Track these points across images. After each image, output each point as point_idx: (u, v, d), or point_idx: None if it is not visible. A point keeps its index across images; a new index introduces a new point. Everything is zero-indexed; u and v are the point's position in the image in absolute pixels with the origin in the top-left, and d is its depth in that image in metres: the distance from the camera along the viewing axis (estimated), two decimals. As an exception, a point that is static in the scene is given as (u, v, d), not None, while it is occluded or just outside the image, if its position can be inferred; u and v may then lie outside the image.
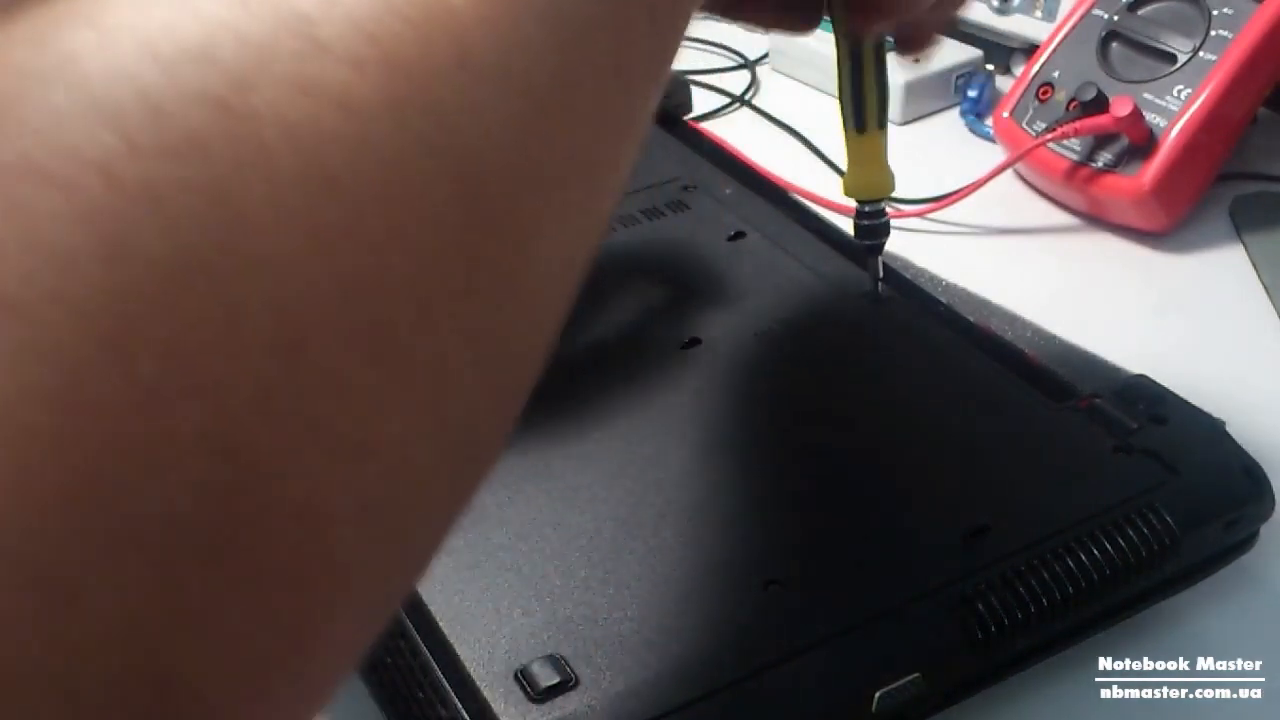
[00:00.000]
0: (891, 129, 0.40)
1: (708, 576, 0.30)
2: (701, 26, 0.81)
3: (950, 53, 0.67)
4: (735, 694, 0.28)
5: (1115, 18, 0.57)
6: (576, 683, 0.28)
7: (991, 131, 0.62)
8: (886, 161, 0.40)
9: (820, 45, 0.70)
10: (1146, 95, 0.54)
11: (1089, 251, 0.56)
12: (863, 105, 0.38)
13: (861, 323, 0.41)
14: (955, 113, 0.66)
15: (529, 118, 0.16)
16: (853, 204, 0.41)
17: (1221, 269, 0.54)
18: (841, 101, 0.39)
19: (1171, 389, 0.38)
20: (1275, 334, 0.50)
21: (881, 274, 0.42)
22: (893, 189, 0.40)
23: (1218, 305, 0.52)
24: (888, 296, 0.42)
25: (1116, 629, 0.34)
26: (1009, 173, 0.59)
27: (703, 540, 0.31)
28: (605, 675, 0.28)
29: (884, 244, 0.41)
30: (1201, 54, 0.54)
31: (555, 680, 0.27)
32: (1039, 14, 0.65)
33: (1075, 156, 0.55)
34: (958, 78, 0.66)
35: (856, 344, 0.40)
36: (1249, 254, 0.55)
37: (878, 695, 0.29)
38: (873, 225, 0.40)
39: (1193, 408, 0.37)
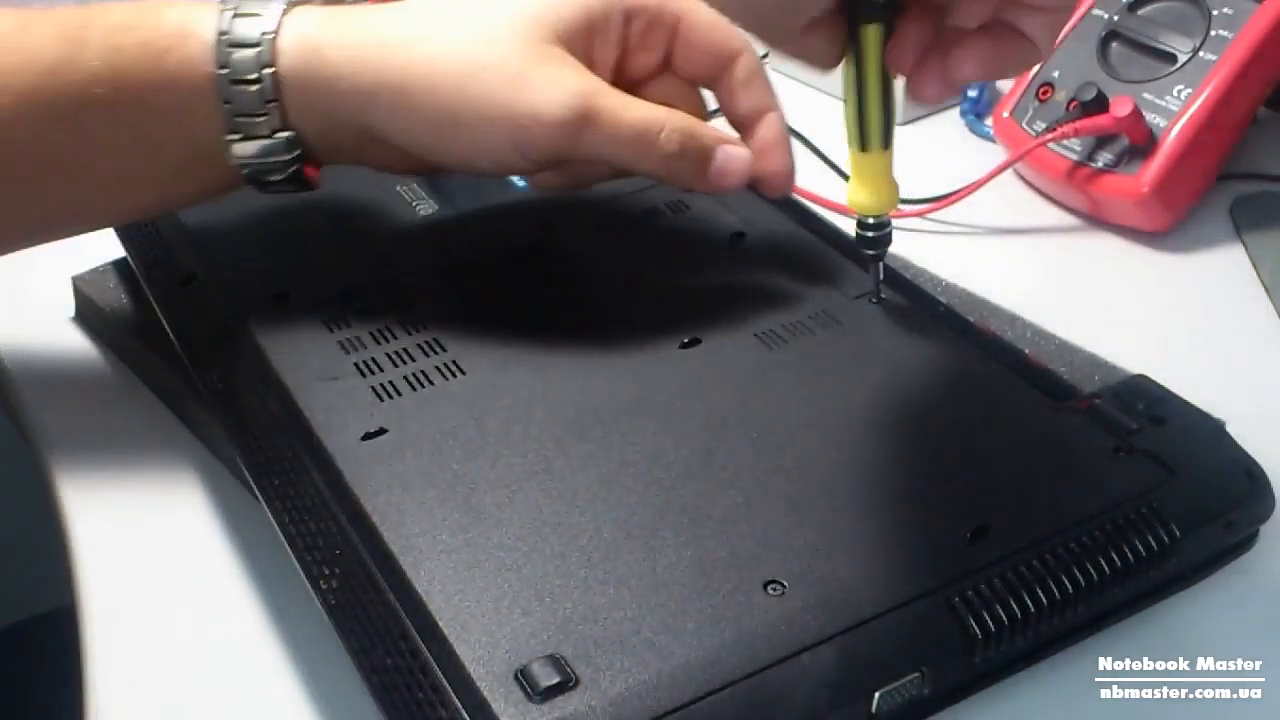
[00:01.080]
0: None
1: (707, 576, 0.30)
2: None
3: (950, 53, 0.66)
4: (735, 693, 0.28)
5: (1115, 18, 0.57)
6: (577, 682, 0.28)
7: (991, 131, 0.62)
8: (891, 178, 0.39)
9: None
10: (1146, 95, 0.54)
11: (1089, 251, 0.56)
12: (866, 125, 0.38)
13: (861, 323, 0.41)
14: (955, 113, 0.66)
15: None
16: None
17: (1222, 269, 0.54)
18: (846, 118, 0.38)
19: (1171, 389, 0.38)
20: (1275, 334, 0.50)
21: (882, 275, 0.42)
22: (896, 204, 0.40)
23: (1218, 305, 0.52)
24: (887, 297, 0.42)
25: (1116, 629, 0.34)
26: (1009, 173, 0.59)
27: (702, 540, 0.31)
28: (605, 675, 0.28)
29: (885, 252, 0.41)
30: (1201, 54, 0.54)
31: (555, 680, 0.27)
32: (1039, 14, 0.65)
33: (1075, 156, 0.55)
34: (958, 78, 0.66)
35: (856, 344, 0.40)
36: (1249, 254, 0.55)
37: (878, 695, 0.29)
38: (875, 237, 0.40)
39: (1192, 408, 0.37)
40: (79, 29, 0.38)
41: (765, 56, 0.72)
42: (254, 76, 0.37)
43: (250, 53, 0.37)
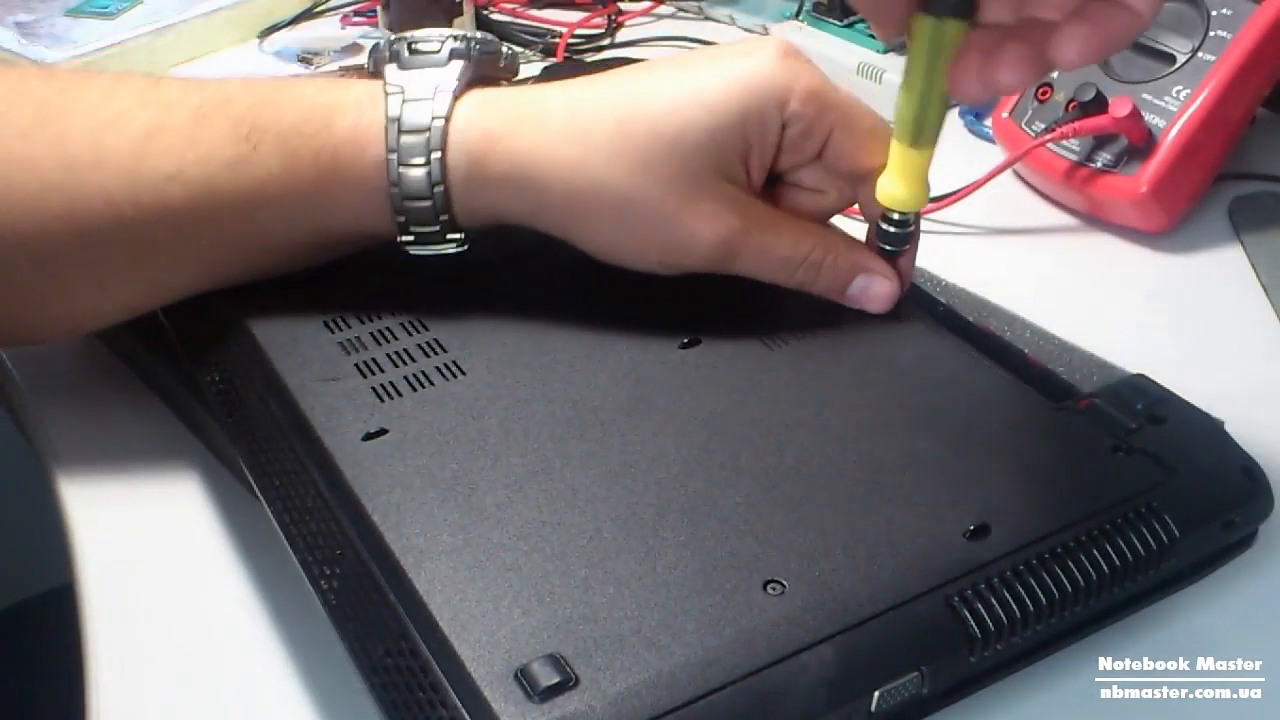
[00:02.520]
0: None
1: (707, 576, 0.30)
2: (702, 27, 0.81)
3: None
4: (735, 693, 0.28)
5: (1114, 18, 0.57)
6: (576, 682, 0.28)
7: (991, 132, 0.62)
8: (927, 177, 0.39)
9: (821, 47, 0.71)
10: (1145, 95, 0.54)
11: (1088, 251, 0.56)
12: (923, 121, 0.37)
13: (861, 323, 0.41)
14: (954, 113, 0.66)
15: None
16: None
17: (1220, 269, 0.54)
18: (900, 112, 0.38)
19: (1170, 389, 0.38)
20: (1273, 333, 0.50)
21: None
22: (926, 203, 0.40)
23: (1216, 305, 0.52)
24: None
25: (1116, 629, 0.34)
26: (1008, 173, 0.59)
27: (702, 540, 0.31)
28: (605, 675, 0.28)
29: (902, 251, 0.41)
30: (1200, 54, 0.54)
31: (555, 680, 0.27)
32: (1038, 14, 0.65)
33: (1074, 157, 0.56)
34: (957, 78, 0.66)
35: (856, 344, 0.40)
36: (1247, 254, 0.55)
37: (877, 694, 0.29)
38: (898, 234, 0.40)
39: (1191, 407, 0.37)
40: (251, 129, 0.39)
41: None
42: (425, 194, 0.39)
43: (421, 172, 0.39)
